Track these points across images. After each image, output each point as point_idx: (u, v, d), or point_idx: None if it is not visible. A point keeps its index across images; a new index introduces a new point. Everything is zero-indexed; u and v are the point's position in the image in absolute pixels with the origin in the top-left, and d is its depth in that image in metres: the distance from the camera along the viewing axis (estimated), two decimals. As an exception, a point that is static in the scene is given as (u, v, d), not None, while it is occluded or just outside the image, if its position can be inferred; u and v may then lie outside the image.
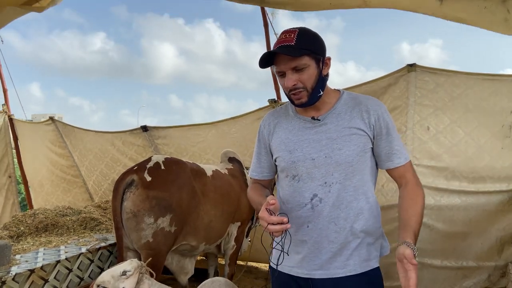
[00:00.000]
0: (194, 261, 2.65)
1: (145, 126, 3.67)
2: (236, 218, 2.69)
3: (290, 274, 1.36)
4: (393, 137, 1.33)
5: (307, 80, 1.27)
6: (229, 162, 2.93)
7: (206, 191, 2.45)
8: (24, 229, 2.63)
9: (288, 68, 1.27)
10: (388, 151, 1.32)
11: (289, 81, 1.27)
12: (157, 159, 2.34)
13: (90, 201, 4.36)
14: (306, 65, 1.26)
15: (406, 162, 1.34)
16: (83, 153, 4.21)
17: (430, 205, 2.86)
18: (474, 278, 2.93)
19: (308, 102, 1.30)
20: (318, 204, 1.30)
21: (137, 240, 2.20)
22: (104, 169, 4.12)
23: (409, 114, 2.83)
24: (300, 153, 1.32)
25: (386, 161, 1.34)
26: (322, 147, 1.30)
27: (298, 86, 1.28)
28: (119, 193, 2.20)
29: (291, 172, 1.35)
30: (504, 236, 2.83)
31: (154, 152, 3.75)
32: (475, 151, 2.75)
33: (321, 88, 1.31)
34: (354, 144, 1.29)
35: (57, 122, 4.27)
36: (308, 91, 1.29)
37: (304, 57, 1.26)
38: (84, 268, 2.34)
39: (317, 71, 1.29)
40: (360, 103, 1.34)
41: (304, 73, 1.27)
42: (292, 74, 1.27)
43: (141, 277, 1.61)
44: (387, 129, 1.32)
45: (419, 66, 2.76)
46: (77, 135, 4.18)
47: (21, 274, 1.99)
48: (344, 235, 1.30)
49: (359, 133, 1.30)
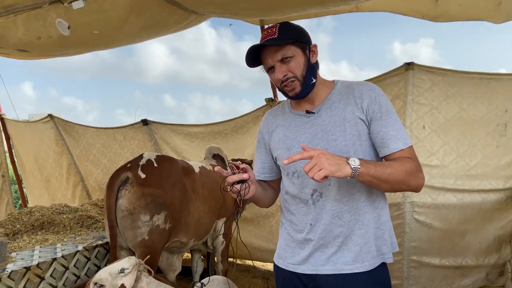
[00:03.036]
0: (181, 258, 2.66)
1: (145, 120, 3.77)
2: (222, 214, 2.71)
3: (295, 272, 1.34)
4: (388, 121, 1.24)
5: (296, 68, 1.28)
6: (212, 158, 2.94)
7: (196, 188, 2.47)
8: (20, 227, 2.62)
9: (276, 60, 1.27)
10: (383, 136, 1.24)
11: (278, 73, 1.28)
12: (149, 156, 2.35)
13: (87, 198, 4.37)
14: (292, 54, 1.27)
15: (406, 148, 1.23)
16: (86, 147, 4.24)
17: (427, 203, 2.86)
18: (472, 276, 2.92)
19: (302, 91, 1.30)
20: (319, 199, 1.28)
21: (132, 238, 2.19)
22: (107, 163, 4.17)
23: (407, 113, 2.83)
24: (298, 149, 1.30)
25: (382, 147, 1.25)
26: (319, 140, 1.29)
27: (288, 76, 1.28)
28: (114, 191, 2.19)
29: (290, 169, 1.34)
30: (502, 235, 2.83)
31: (154, 146, 3.82)
32: (467, 149, 2.75)
33: (313, 76, 1.31)
34: (349, 133, 1.26)
35: (57, 119, 4.29)
36: (299, 79, 1.28)
37: (289, 46, 1.27)
38: (81, 266, 2.33)
39: (305, 59, 1.29)
40: (353, 89, 1.31)
41: (292, 62, 1.27)
42: (281, 66, 1.28)
43: (139, 274, 1.61)
44: (380, 112, 1.25)
45: (417, 64, 2.77)
46: (79, 131, 4.23)
47: (17, 271, 1.99)
48: (349, 229, 1.27)
49: (354, 120, 1.26)
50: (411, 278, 2.98)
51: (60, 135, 4.32)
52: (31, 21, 2.20)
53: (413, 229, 2.89)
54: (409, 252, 2.93)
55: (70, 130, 4.26)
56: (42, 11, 2.09)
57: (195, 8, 2.06)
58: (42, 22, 2.17)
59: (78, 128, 4.21)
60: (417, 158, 1.26)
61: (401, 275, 2.98)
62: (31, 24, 2.22)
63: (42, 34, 2.28)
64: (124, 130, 3.95)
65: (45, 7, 2.04)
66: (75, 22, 2.07)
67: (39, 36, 2.31)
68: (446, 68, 2.75)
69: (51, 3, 2.01)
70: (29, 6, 2.06)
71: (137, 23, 2.19)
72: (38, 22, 2.19)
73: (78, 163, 4.37)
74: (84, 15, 2.04)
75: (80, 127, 4.20)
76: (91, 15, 2.06)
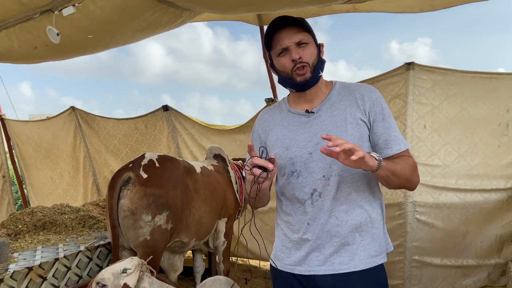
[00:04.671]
0: (183, 258, 2.66)
1: (166, 106, 3.90)
2: (223, 214, 2.72)
3: (293, 272, 1.33)
4: (390, 123, 1.29)
5: (310, 56, 1.29)
6: (214, 158, 2.95)
7: (197, 188, 2.47)
8: (22, 227, 2.62)
9: (293, 42, 1.27)
10: (386, 138, 1.28)
11: (294, 54, 1.27)
12: (151, 156, 2.35)
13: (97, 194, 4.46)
14: (309, 41, 1.29)
15: (406, 149, 1.29)
16: (107, 138, 4.34)
17: (429, 203, 2.86)
18: (474, 276, 2.92)
19: (312, 79, 1.30)
20: (318, 199, 1.28)
21: (134, 238, 2.19)
22: (129, 151, 4.27)
23: (408, 113, 2.84)
24: (297, 149, 1.31)
25: (385, 148, 1.28)
26: (319, 140, 1.27)
27: (303, 60, 1.28)
28: (116, 191, 2.19)
29: (289, 169, 1.32)
30: (504, 235, 2.83)
31: (172, 133, 3.97)
32: (468, 148, 2.76)
33: (321, 69, 1.32)
34: (350, 134, 1.26)
35: (78, 111, 4.38)
36: (310, 67, 1.29)
37: (306, 33, 1.28)
38: (83, 266, 2.33)
39: (317, 51, 1.31)
40: (354, 91, 1.33)
41: (307, 48, 1.29)
42: (297, 49, 1.28)
43: (141, 275, 1.61)
44: (383, 114, 1.29)
45: (417, 64, 2.78)
46: (100, 122, 4.33)
47: (19, 272, 1.98)
48: (346, 229, 1.27)
49: (356, 121, 1.28)
50: (412, 278, 2.98)
51: (79, 127, 4.40)
52: (24, 33, 2.20)
53: (414, 229, 2.89)
54: (411, 252, 2.93)
55: (92, 122, 4.36)
56: (34, 22, 2.08)
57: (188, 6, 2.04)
58: (36, 33, 2.16)
59: (100, 119, 4.32)
60: (413, 159, 1.32)
61: (403, 275, 2.98)
62: (24, 36, 2.22)
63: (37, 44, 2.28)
64: (145, 118, 4.08)
65: (36, 17, 2.03)
66: (69, 29, 2.07)
67: (35, 46, 2.31)
68: (447, 67, 2.77)
69: (42, 13, 2.01)
70: (20, 19, 2.05)
71: (131, 25, 2.18)
72: (32, 34, 2.19)
73: (96, 155, 4.45)
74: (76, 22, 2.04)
75: (101, 119, 4.32)
76: (83, 22, 2.06)
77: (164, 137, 4.04)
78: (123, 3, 1.94)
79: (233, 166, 2.99)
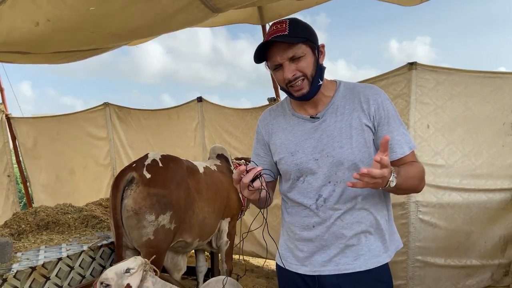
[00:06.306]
0: (186, 258, 2.67)
1: (200, 98, 4.10)
2: (226, 214, 2.71)
3: (298, 272, 1.33)
4: (393, 126, 1.26)
5: (307, 67, 1.23)
6: (217, 158, 2.95)
7: (200, 188, 2.47)
8: (25, 227, 2.62)
9: (285, 58, 1.21)
10: (390, 142, 1.21)
11: (287, 72, 1.22)
12: (154, 156, 2.35)
13: None
14: (303, 54, 1.22)
15: (411, 151, 1.26)
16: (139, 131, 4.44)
17: (432, 203, 2.85)
18: (477, 276, 2.91)
19: (310, 92, 1.25)
20: (323, 204, 1.28)
21: (137, 238, 2.19)
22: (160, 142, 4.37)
23: (411, 112, 2.83)
24: (303, 155, 1.29)
25: (389, 153, 1.19)
26: (324, 146, 1.26)
27: (297, 76, 1.23)
28: (119, 191, 2.19)
29: (295, 174, 1.31)
30: (507, 235, 2.82)
31: (200, 123, 4.13)
32: (472, 148, 2.75)
33: (320, 78, 1.27)
34: (356, 141, 1.25)
35: (112, 106, 4.48)
36: (308, 79, 1.24)
37: (300, 45, 1.21)
38: (86, 266, 2.33)
39: (314, 59, 1.25)
40: (359, 93, 1.29)
41: (302, 61, 1.22)
42: (290, 65, 1.22)
43: (145, 274, 1.61)
44: (388, 118, 1.26)
45: (420, 64, 2.77)
46: (133, 115, 4.44)
47: (23, 271, 1.99)
48: (351, 231, 1.27)
49: (361, 127, 1.25)
50: (416, 278, 2.97)
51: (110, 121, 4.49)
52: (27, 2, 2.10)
53: (417, 228, 2.88)
54: (414, 252, 2.92)
55: (125, 116, 4.46)
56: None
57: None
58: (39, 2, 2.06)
59: (134, 112, 4.43)
60: (418, 161, 1.31)
61: (406, 275, 2.97)
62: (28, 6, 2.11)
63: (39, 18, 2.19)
64: (179, 109, 4.24)
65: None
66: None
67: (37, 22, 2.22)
68: (450, 67, 2.76)
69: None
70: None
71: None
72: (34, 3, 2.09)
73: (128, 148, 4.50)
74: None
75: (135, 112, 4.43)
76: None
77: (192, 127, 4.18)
78: None
79: (236, 166, 2.99)
